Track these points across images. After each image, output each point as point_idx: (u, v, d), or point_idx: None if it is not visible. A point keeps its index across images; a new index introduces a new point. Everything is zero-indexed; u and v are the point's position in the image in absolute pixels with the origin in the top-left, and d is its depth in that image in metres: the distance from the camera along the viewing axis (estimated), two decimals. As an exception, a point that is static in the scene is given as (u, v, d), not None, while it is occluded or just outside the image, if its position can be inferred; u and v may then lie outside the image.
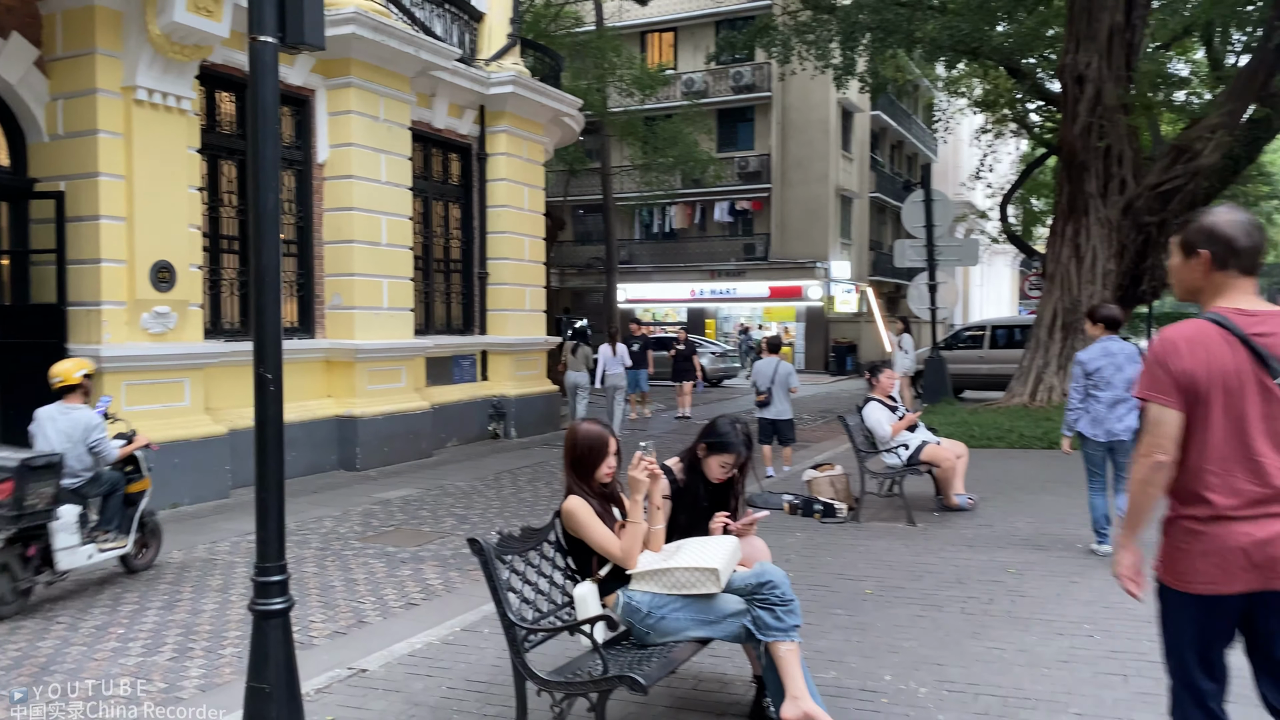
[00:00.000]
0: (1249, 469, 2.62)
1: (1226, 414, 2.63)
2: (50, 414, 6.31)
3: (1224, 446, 2.64)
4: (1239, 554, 2.61)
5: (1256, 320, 2.65)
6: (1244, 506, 2.62)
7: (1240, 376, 2.62)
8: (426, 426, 12.91)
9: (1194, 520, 2.68)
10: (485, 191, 15.13)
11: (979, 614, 5.26)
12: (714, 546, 3.64)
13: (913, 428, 8.34)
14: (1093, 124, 14.86)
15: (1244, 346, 2.63)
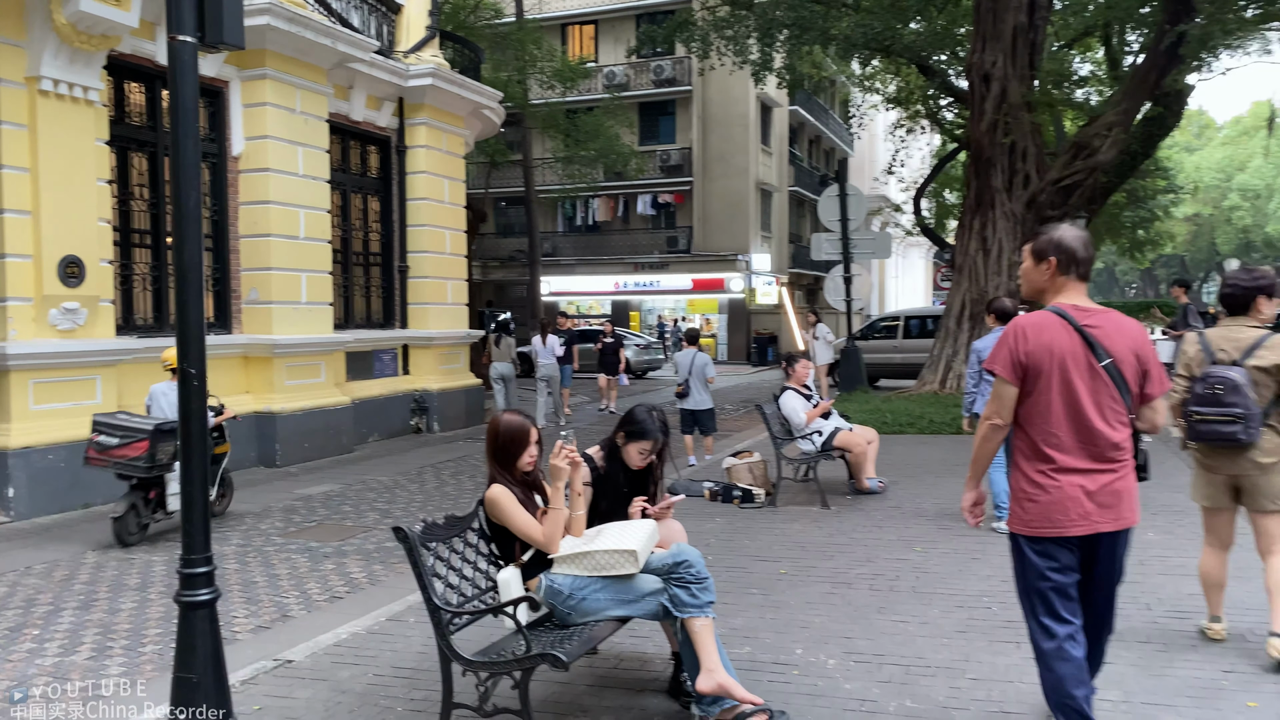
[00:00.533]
0: (1081, 432, 3.22)
1: (1064, 388, 3.23)
2: (163, 389, 8.06)
3: (1062, 414, 3.23)
4: (1076, 503, 3.20)
5: (1088, 315, 3.29)
6: (1078, 463, 3.22)
7: (1074, 358, 3.23)
8: (347, 422, 12.83)
9: (1040, 475, 3.25)
10: (405, 184, 15.06)
11: (885, 590, 5.54)
12: (633, 530, 3.81)
13: (827, 415, 8.64)
14: (998, 121, 15.45)
15: (1078, 335, 3.24)
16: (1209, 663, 4.26)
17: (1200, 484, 4.59)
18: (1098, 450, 3.20)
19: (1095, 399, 3.21)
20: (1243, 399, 4.20)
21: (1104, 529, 3.20)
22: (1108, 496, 3.20)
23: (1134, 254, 35.98)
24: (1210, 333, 4.54)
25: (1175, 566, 5.83)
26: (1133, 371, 3.26)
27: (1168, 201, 34.54)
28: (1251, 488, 4.37)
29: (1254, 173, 57.57)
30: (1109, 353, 3.22)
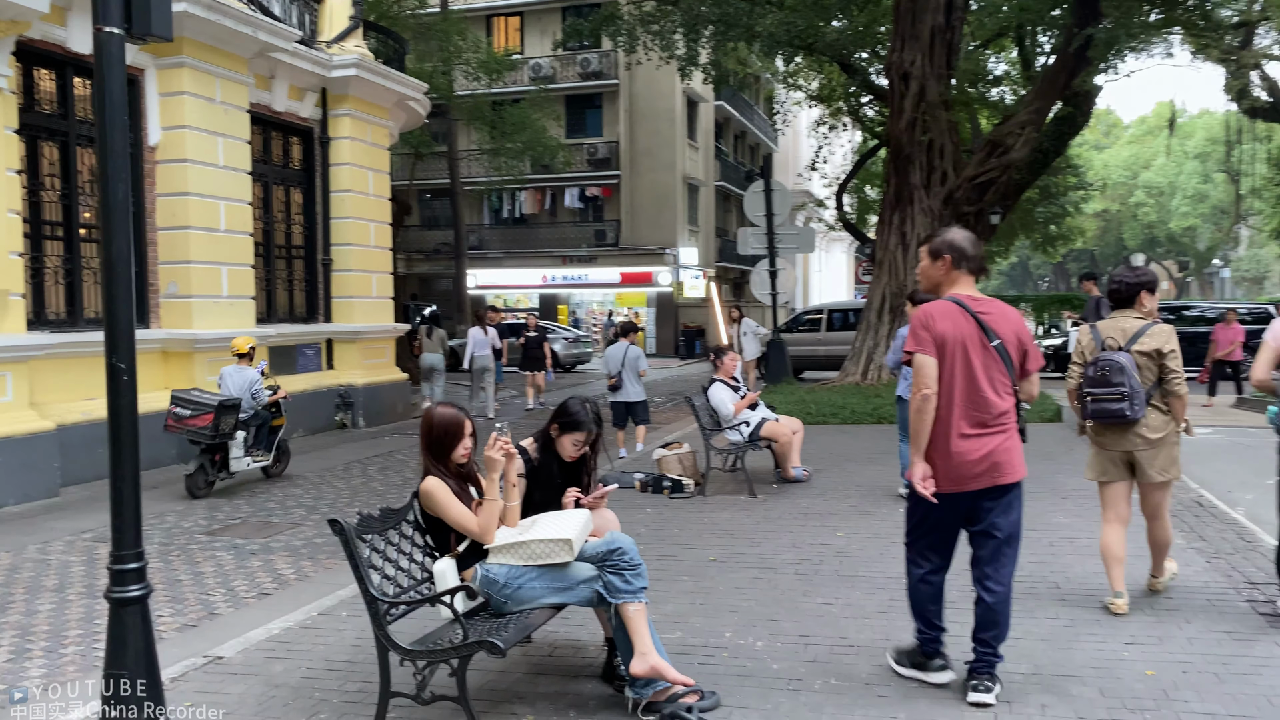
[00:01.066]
0: (976, 403, 3.82)
1: (962, 365, 3.81)
2: (230, 371, 9.84)
3: (962, 388, 3.81)
4: (970, 463, 3.81)
5: (980, 303, 3.91)
6: (973, 428, 3.81)
7: (971, 339, 3.82)
8: (278, 415, 12.61)
9: (938, 436, 3.84)
10: (328, 176, 14.83)
11: (811, 574, 5.72)
12: (567, 519, 3.89)
13: (753, 406, 8.82)
14: (917, 119, 15.85)
15: (974, 320, 3.85)
16: (1112, 636, 4.51)
17: (1094, 461, 5.02)
18: (989, 416, 3.82)
19: (988, 374, 3.83)
20: (1128, 379, 4.67)
21: (998, 483, 3.84)
22: (1000, 454, 3.83)
23: (1046, 248, 37.15)
24: (1100, 324, 4.99)
25: (1082, 547, 6.12)
26: (1015, 350, 3.89)
27: (1078, 198, 35.73)
28: (1141, 461, 4.83)
29: (1158, 171, 59.93)
30: (998, 335, 3.84)
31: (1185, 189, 58.51)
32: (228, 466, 9.47)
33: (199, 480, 9.24)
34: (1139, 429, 4.77)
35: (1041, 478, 8.55)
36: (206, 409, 9.03)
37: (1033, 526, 6.71)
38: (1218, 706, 3.70)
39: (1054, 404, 13.01)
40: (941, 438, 3.83)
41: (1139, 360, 4.76)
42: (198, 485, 9.21)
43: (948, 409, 3.82)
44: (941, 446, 3.83)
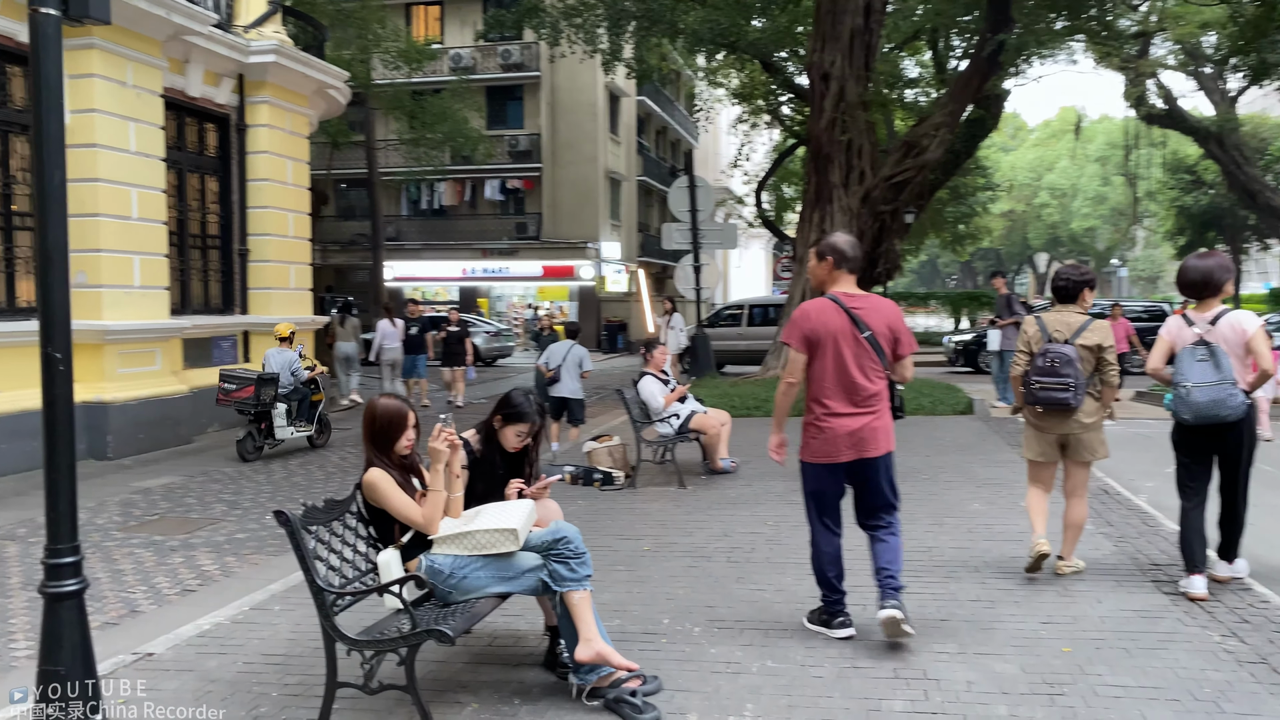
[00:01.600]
0: (848, 387, 4.38)
1: (834, 355, 4.38)
2: (272, 352, 11.56)
3: (834, 374, 4.39)
4: (843, 438, 4.37)
5: (854, 300, 4.46)
6: (845, 409, 4.38)
7: (843, 332, 4.37)
8: (186, 411, 12.27)
9: (819, 418, 4.43)
10: (245, 164, 14.45)
11: (742, 561, 5.85)
12: (511, 509, 3.92)
13: (683, 399, 8.95)
14: (837, 119, 16.19)
15: (846, 315, 4.40)
16: (1031, 616, 4.74)
17: (1032, 442, 5.48)
18: (859, 398, 4.38)
19: (858, 362, 4.38)
20: (1074, 370, 5.11)
21: (865, 456, 4.39)
22: (868, 432, 4.38)
23: (955, 247, 38.26)
24: (1045, 317, 5.41)
25: (999, 533, 6.40)
26: (887, 340, 4.43)
27: (985, 198, 36.88)
28: (1075, 443, 5.32)
29: (1061, 173, 62.22)
30: (869, 327, 4.39)
31: (1086, 191, 60.90)
32: (273, 434, 11.00)
33: (248, 445, 10.83)
34: (1077, 415, 5.22)
35: (958, 467, 8.89)
36: (248, 382, 10.76)
37: (952, 514, 7.00)
38: (1129, 679, 3.94)
39: (965, 397, 13.47)
40: (819, 416, 4.43)
41: (1080, 353, 5.18)
42: (247, 450, 10.80)
43: (824, 392, 4.41)
44: (817, 424, 4.43)
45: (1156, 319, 22.33)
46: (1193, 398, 4.90)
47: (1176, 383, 5.01)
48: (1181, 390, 4.96)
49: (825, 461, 4.43)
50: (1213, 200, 38.77)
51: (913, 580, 5.37)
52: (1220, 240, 41.48)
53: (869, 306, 4.44)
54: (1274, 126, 39.79)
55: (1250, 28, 17.92)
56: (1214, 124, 30.95)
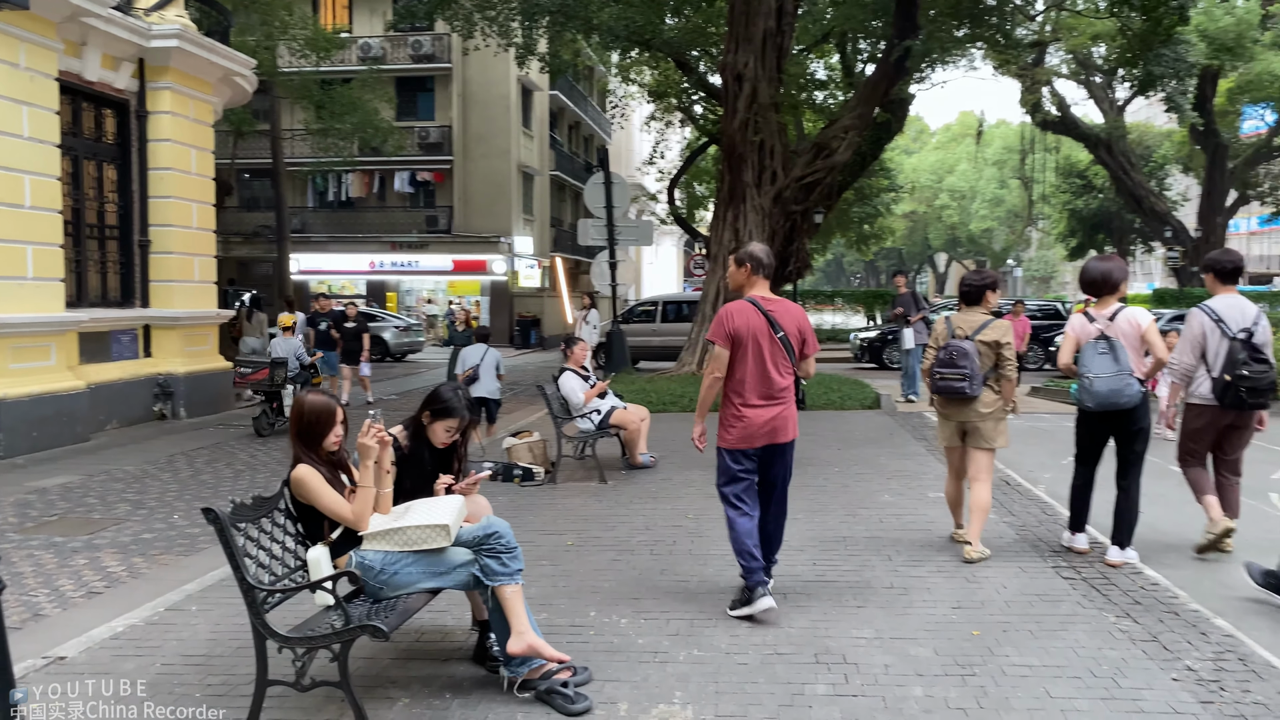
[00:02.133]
0: (764, 381, 4.85)
1: (754, 352, 4.83)
2: (278, 341, 13.13)
3: (753, 369, 4.83)
4: (758, 426, 4.83)
5: (770, 303, 4.93)
6: (760, 400, 4.84)
7: (761, 332, 4.83)
8: (82, 408, 11.80)
9: (738, 409, 4.86)
10: (146, 152, 13.94)
11: (665, 554, 5.95)
12: (442, 505, 3.93)
13: (603, 395, 9.00)
14: (749, 119, 16.44)
15: (764, 316, 4.85)
16: (941, 602, 4.96)
17: (942, 430, 6.07)
18: (773, 391, 4.85)
19: (773, 359, 4.85)
20: (970, 363, 5.65)
21: (775, 442, 4.88)
22: (780, 421, 4.87)
23: (860, 246, 39.25)
24: (954, 316, 5.98)
25: (909, 524, 6.65)
26: (796, 340, 4.92)
27: (889, 199, 37.94)
28: (973, 431, 5.81)
29: (960, 176, 64.30)
30: (782, 328, 4.87)
31: (984, 193, 63.05)
32: (283, 412, 12.10)
33: (263, 422, 12.23)
34: (975, 405, 5.74)
35: (868, 460, 9.17)
36: (263, 365, 12.63)
37: (864, 505, 7.23)
38: (1034, 659, 4.17)
39: (873, 392, 13.87)
40: (738, 407, 4.88)
41: (980, 348, 5.72)
42: (262, 426, 12.19)
43: (744, 385, 4.87)
44: (737, 414, 4.87)
45: (1050, 317, 23.34)
46: (1095, 387, 5.43)
47: (1081, 374, 5.52)
48: (1085, 380, 5.48)
49: (743, 448, 4.88)
50: (1102, 204, 40.62)
51: (829, 569, 5.57)
52: (1109, 242, 43.48)
53: (782, 309, 4.95)
54: (1158, 135, 41.93)
55: (1138, 40, 18.83)
56: (1103, 131, 32.42)
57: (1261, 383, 5.64)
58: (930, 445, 9.98)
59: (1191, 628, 4.52)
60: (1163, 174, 39.67)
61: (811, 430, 11.27)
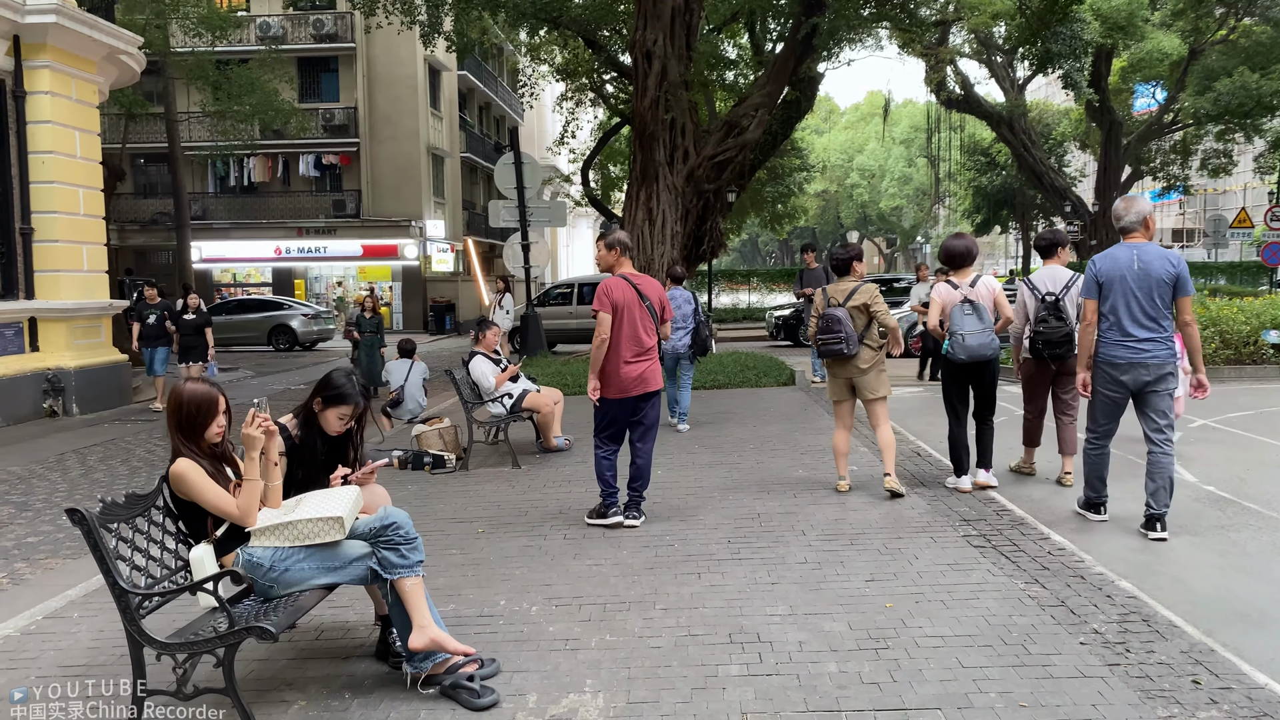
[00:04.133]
0: (636, 340, 5.96)
1: (628, 318, 5.95)
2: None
3: (628, 332, 5.95)
4: (632, 379, 5.95)
5: (637, 279, 6.10)
6: (633, 357, 5.95)
7: (633, 301, 5.98)
8: (-36, 406, 11.14)
9: (617, 365, 5.93)
10: (25, 135, 13.17)
11: (578, 538, 5.81)
12: (336, 497, 3.72)
13: (515, 378, 8.81)
14: (660, 98, 16.32)
15: (633, 288, 6.02)
16: (854, 575, 4.94)
17: (831, 386, 6.84)
18: (641, 349, 5.98)
19: (643, 322, 6.00)
20: (843, 327, 6.47)
21: (646, 390, 6.00)
22: (648, 374, 6.01)
23: (774, 225, 39.53)
24: (829, 287, 6.79)
25: (822, 497, 6.65)
26: (658, 307, 6.12)
27: (801, 179, 38.23)
28: (859, 384, 6.63)
29: (870, 155, 65.37)
30: (648, 297, 6.06)
31: (893, 172, 64.25)
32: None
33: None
34: (855, 361, 6.55)
35: (783, 437, 9.18)
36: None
37: (778, 481, 7.21)
38: (945, 629, 4.17)
39: (788, 369, 13.95)
40: (615, 363, 5.92)
41: (852, 312, 6.53)
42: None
43: (620, 346, 5.92)
44: (615, 369, 5.92)
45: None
46: (967, 342, 6.42)
47: (952, 332, 6.49)
48: (958, 338, 6.45)
49: (619, 397, 5.97)
50: (1005, 181, 41.68)
51: (744, 546, 5.51)
52: (1012, 217, 44.72)
53: (645, 283, 6.13)
54: (1057, 113, 43.17)
55: (1035, 20, 19.27)
56: (1005, 109, 33.19)
57: (1055, 336, 6.64)
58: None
59: (1097, 590, 4.58)
60: (1062, 151, 40.82)
61: (726, 407, 11.27)
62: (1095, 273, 5.62)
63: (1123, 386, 5.58)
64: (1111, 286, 5.54)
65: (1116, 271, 5.51)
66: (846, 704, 3.51)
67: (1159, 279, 5.43)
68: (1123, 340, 5.52)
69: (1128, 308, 5.48)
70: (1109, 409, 5.70)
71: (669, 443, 8.95)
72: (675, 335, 9.55)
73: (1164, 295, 5.46)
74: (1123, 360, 5.52)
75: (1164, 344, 5.49)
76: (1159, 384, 5.51)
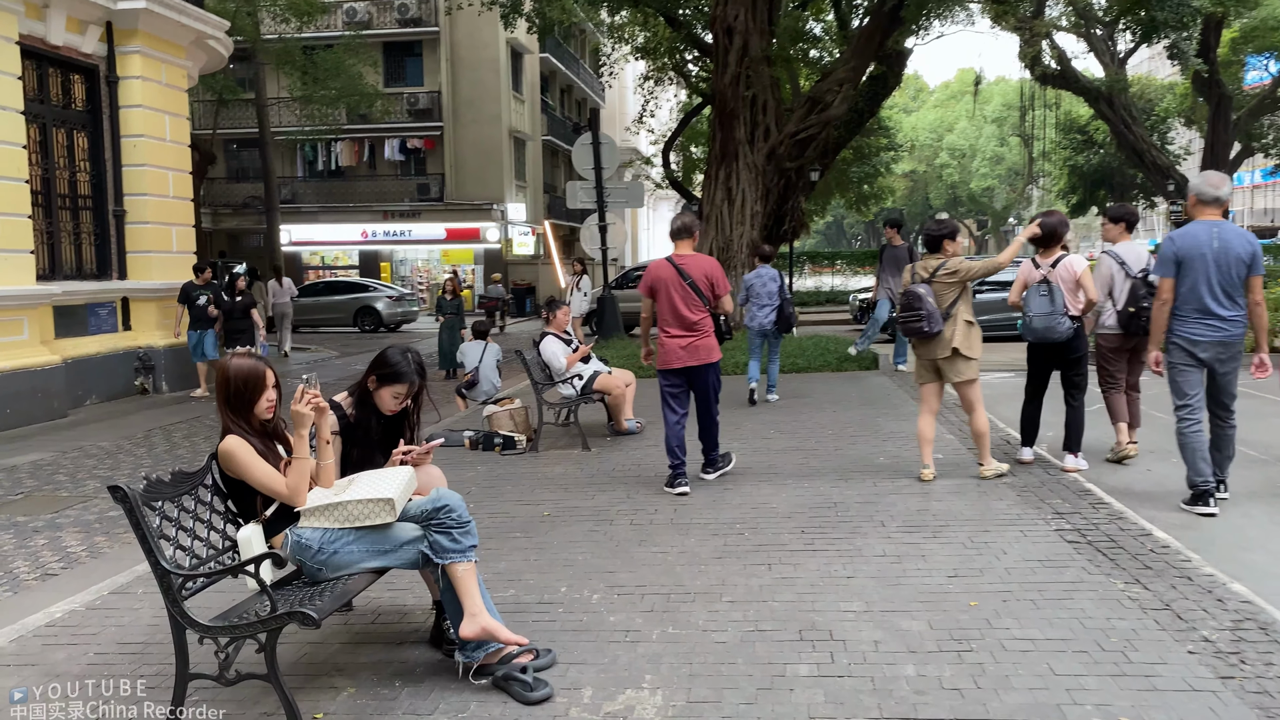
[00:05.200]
0: (677, 317, 6.30)
1: (666, 296, 6.32)
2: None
3: (669, 308, 6.31)
4: (674, 351, 6.30)
5: (683, 259, 6.38)
6: (677, 332, 6.30)
7: (673, 281, 6.32)
8: (58, 383, 11.49)
9: (661, 339, 6.38)
10: (118, 119, 13.50)
11: (645, 524, 5.62)
12: (389, 478, 3.58)
13: (586, 359, 8.65)
14: (741, 74, 15.96)
15: (675, 269, 6.33)
16: (937, 570, 4.64)
17: (916, 368, 6.58)
18: (687, 325, 6.29)
19: (683, 299, 6.30)
20: (924, 303, 6.13)
21: (691, 364, 6.29)
22: (693, 349, 6.29)
23: (860, 207, 38.70)
24: (916, 264, 6.50)
25: (904, 486, 6.32)
26: (705, 285, 6.34)
27: (888, 159, 37.33)
28: (945, 366, 6.29)
29: (960, 134, 63.51)
30: (689, 276, 6.31)
31: (984, 151, 62.31)
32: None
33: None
34: (939, 341, 6.21)
35: (863, 423, 8.83)
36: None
37: (856, 469, 6.89)
38: (1035, 631, 3.85)
39: (870, 352, 13.50)
40: (661, 338, 6.41)
41: (937, 287, 6.22)
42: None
43: (664, 321, 6.39)
44: (661, 344, 6.42)
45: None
46: (1033, 324, 6.38)
47: (1024, 312, 6.45)
48: (1027, 318, 6.43)
49: (666, 368, 6.39)
50: (1103, 159, 39.98)
51: (818, 537, 5.24)
52: (1109, 198, 42.84)
53: (691, 262, 6.39)
54: (1160, 87, 41.18)
55: (1140, -13, 18.28)
56: (1104, 85, 31.70)
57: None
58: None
59: (1207, 593, 4.19)
60: (1165, 128, 38.91)
61: (806, 392, 10.94)
62: (1175, 250, 5.50)
63: (1199, 363, 5.56)
64: (1191, 264, 5.45)
65: (1197, 249, 5.43)
66: (924, 710, 3.23)
67: (1238, 257, 5.39)
68: (1203, 318, 5.47)
69: (1209, 286, 5.43)
70: (1192, 381, 5.62)
71: (743, 426, 8.70)
72: (761, 312, 9.97)
73: (1241, 273, 5.42)
74: (1204, 339, 5.48)
75: (1242, 322, 5.49)
76: (1233, 361, 5.56)
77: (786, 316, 10.06)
